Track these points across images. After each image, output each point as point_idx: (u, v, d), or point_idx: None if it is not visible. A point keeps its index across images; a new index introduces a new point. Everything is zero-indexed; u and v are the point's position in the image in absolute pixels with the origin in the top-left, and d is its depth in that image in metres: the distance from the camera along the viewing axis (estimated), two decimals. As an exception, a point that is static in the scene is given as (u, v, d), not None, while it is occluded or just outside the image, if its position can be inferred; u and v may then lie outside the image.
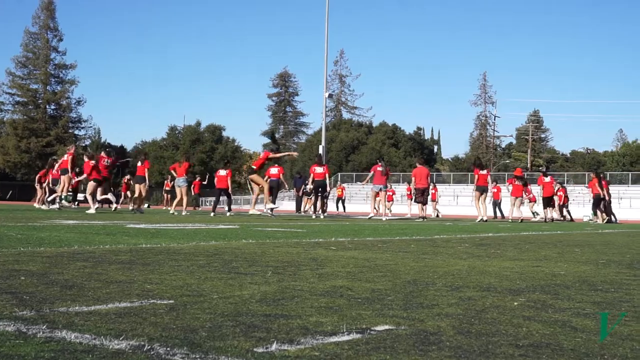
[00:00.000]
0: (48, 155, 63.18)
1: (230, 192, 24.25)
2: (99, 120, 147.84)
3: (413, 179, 24.65)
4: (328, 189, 23.99)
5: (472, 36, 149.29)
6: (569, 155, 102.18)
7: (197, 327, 2.41)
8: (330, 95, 66.78)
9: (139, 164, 24.13)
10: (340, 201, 41.17)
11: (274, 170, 24.15)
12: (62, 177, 22.93)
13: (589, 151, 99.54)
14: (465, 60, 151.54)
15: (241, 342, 2.18)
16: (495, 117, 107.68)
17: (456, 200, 56.39)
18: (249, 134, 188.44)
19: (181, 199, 22.95)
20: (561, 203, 30.90)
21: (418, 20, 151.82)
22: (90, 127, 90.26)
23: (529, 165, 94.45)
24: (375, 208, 24.51)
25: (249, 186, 26.98)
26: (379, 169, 23.43)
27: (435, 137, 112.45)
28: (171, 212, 23.45)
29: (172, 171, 24.20)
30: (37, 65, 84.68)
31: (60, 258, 4.86)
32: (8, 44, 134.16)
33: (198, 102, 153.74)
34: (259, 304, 2.98)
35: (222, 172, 23.71)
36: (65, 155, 23.51)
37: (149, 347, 2.08)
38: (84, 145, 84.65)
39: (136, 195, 24.00)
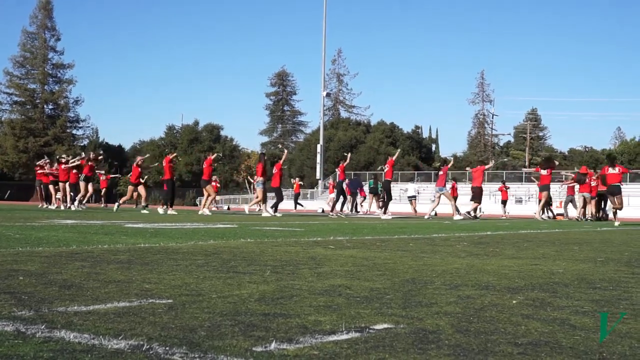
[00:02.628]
0: (46, 155, 63.21)
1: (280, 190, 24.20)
2: (96, 120, 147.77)
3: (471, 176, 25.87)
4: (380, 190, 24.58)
5: (470, 35, 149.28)
6: (567, 153, 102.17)
7: (196, 327, 2.41)
8: (328, 94, 66.84)
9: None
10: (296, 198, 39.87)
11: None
12: (81, 183, 23.63)
13: (587, 149, 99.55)
14: (463, 58, 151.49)
15: (240, 342, 2.18)
16: (493, 115, 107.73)
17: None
18: (247, 133, 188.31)
19: (262, 199, 23.03)
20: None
21: (416, 18, 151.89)
22: (88, 126, 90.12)
23: (527, 164, 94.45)
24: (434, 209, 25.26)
25: (247, 186, 27.07)
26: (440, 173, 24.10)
27: (434, 136, 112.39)
28: (255, 210, 23.54)
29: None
30: (34, 65, 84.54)
31: (58, 258, 4.86)
32: (5, 43, 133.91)
33: (196, 101, 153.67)
34: (257, 303, 2.98)
35: (274, 170, 23.65)
36: (77, 160, 24.20)
37: (148, 346, 2.08)
38: (81, 145, 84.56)
39: (144, 196, 24.19)
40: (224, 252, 5.78)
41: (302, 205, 34.61)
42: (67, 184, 24.99)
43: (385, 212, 23.49)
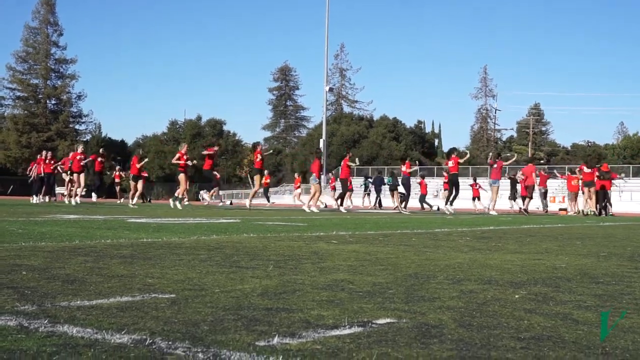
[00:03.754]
0: (49, 150, 63.22)
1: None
2: (99, 115, 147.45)
3: (523, 175, 26.39)
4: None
5: (472, 29, 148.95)
6: (569, 148, 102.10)
7: (199, 321, 2.41)
8: (330, 89, 66.74)
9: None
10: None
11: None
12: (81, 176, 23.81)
13: (589, 144, 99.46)
14: (466, 53, 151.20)
15: (243, 336, 2.18)
16: (496, 110, 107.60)
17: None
18: (250, 128, 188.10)
19: (315, 194, 23.14)
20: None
21: (418, 13, 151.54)
22: (91, 122, 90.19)
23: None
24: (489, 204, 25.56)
25: (249, 181, 27.32)
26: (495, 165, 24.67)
27: (436, 131, 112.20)
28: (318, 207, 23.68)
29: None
30: (37, 60, 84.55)
31: (61, 253, 4.87)
32: (8, 39, 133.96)
33: (199, 96, 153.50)
34: (260, 297, 2.98)
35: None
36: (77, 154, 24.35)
37: (151, 341, 2.08)
38: (84, 140, 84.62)
39: (139, 191, 24.30)
40: (226, 246, 5.79)
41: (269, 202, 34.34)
42: (80, 175, 25.08)
43: (405, 208, 23.92)
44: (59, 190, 29.98)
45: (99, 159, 26.08)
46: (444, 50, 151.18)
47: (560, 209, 30.01)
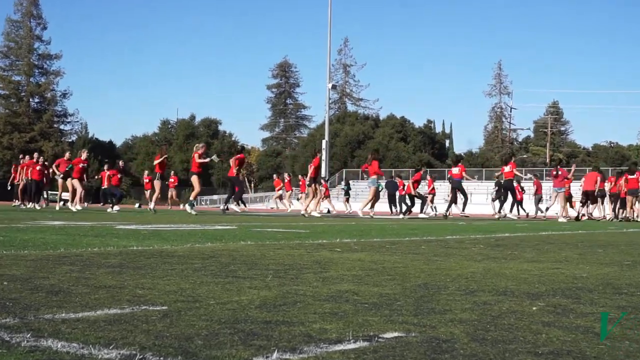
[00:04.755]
0: (32, 151, 63.22)
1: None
2: (85, 114, 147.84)
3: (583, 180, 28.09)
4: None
5: (486, 23, 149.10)
6: (590, 149, 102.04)
7: (193, 335, 2.41)
8: (334, 86, 66.74)
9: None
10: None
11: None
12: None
13: (612, 145, 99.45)
14: (479, 48, 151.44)
15: (240, 351, 2.18)
16: (511, 108, 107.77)
17: (470, 198, 56.44)
18: (247, 128, 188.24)
19: (373, 198, 23.36)
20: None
21: (428, 6, 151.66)
22: (77, 121, 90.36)
23: (547, 160, 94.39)
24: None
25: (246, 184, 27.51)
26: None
27: (447, 131, 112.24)
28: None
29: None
30: (19, 56, 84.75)
31: (45, 262, 4.87)
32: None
33: (192, 94, 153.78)
34: (258, 310, 2.98)
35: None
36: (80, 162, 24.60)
37: (141, 356, 2.08)
38: (69, 141, 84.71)
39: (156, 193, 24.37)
40: (222, 255, 5.79)
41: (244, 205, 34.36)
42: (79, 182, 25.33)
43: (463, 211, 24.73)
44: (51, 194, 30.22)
45: (118, 175, 26.98)
46: (455, 45, 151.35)
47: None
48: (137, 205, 28.52)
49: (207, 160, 23.00)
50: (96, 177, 36.20)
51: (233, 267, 4.81)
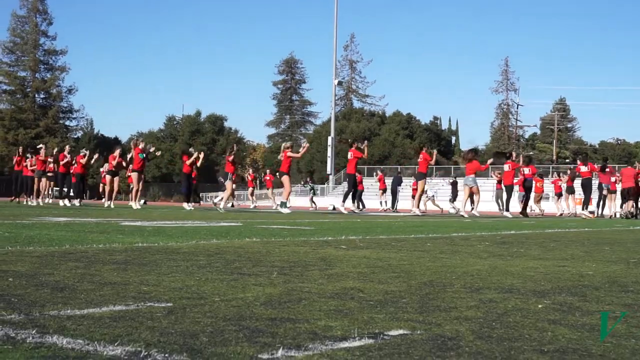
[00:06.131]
0: (37, 148, 63.30)
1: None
2: (91, 110, 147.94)
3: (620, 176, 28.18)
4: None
5: (492, 19, 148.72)
6: (597, 146, 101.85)
7: (198, 332, 2.41)
8: (340, 83, 66.76)
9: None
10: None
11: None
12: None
13: (619, 142, 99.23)
14: (486, 44, 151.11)
15: (245, 348, 2.19)
16: (518, 105, 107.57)
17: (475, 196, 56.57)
18: (253, 124, 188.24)
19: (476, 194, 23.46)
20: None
21: (434, 2, 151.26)
22: (82, 117, 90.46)
23: (554, 157, 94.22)
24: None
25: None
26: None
27: (453, 127, 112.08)
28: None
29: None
30: (25, 51, 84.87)
31: (50, 258, 4.88)
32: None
33: (198, 90, 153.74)
34: (263, 307, 2.99)
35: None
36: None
37: (146, 353, 2.09)
38: (75, 137, 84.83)
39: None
40: (227, 252, 5.80)
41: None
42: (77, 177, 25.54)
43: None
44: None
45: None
46: (461, 41, 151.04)
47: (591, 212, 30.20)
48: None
49: (299, 154, 23.05)
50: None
51: (238, 263, 4.82)
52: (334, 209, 34.37)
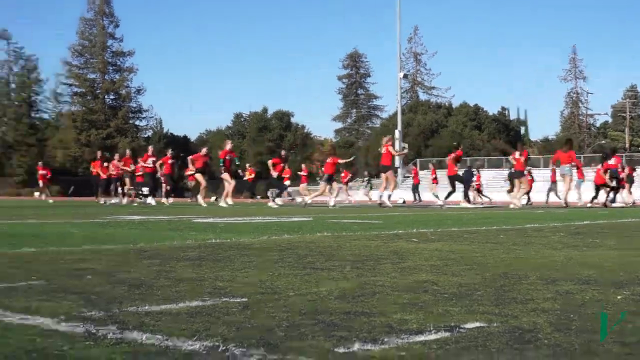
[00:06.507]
0: (109, 148, 64.59)
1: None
2: (160, 109, 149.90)
3: None
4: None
5: (560, 6, 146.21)
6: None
7: (274, 327, 2.43)
8: (405, 76, 66.46)
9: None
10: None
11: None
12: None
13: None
14: (553, 32, 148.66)
15: (321, 342, 2.20)
16: (587, 93, 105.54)
17: (547, 185, 55.50)
18: (319, 119, 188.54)
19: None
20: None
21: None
22: (152, 117, 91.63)
23: (627, 145, 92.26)
24: None
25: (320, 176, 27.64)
26: None
27: (522, 118, 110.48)
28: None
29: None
30: (94, 54, 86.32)
31: (126, 256, 4.98)
32: (62, 32, 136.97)
33: (264, 87, 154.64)
34: (338, 301, 3.00)
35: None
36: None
37: (224, 347, 2.11)
38: (145, 136, 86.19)
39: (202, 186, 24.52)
40: (299, 247, 5.83)
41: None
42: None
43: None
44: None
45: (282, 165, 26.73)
46: (527, 30, 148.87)
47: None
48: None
49: (404, 152, 23.09)
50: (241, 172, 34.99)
51: (311, 258, 4.84)
52: (404, 202, 34.22)
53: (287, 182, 29.63)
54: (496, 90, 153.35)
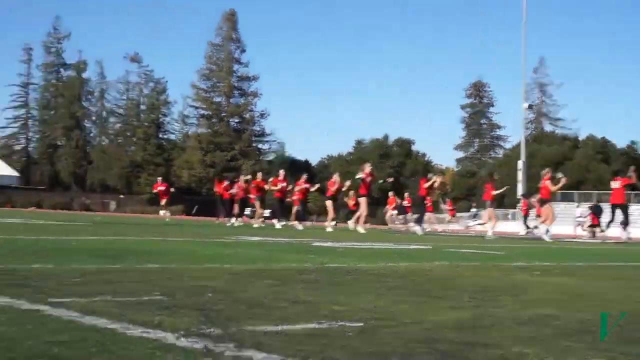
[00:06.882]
0: (232, 169, 65.96)
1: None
2: (282, 134, 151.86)
3: None
4: None
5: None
6: None
7: (389, 353, 2.42)
8: (530, 106, 65.21)
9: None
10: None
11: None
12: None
13: None
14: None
15: (437, 371, 2.17)
16: None
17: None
18: (440, 148, 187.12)
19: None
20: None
21: (623, 24, 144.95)
22: (274, 141, 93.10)
23: None
24: None
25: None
26: None
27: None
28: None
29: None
30: (220, 78, 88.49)
31: (245, 275, 5.05)
32: (189, 56, 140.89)
33: (385, 114, 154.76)
34: (454, 330, 2.96)
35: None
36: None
37: (339, 371, 2.11)
38: (268, 160, 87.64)
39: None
40: (416, 274, 5.79)
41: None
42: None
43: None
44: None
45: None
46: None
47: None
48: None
49: (555, 188, 22.42)
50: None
51: (427, 286, 4.80)
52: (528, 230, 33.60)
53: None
54: (625, 123, 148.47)
